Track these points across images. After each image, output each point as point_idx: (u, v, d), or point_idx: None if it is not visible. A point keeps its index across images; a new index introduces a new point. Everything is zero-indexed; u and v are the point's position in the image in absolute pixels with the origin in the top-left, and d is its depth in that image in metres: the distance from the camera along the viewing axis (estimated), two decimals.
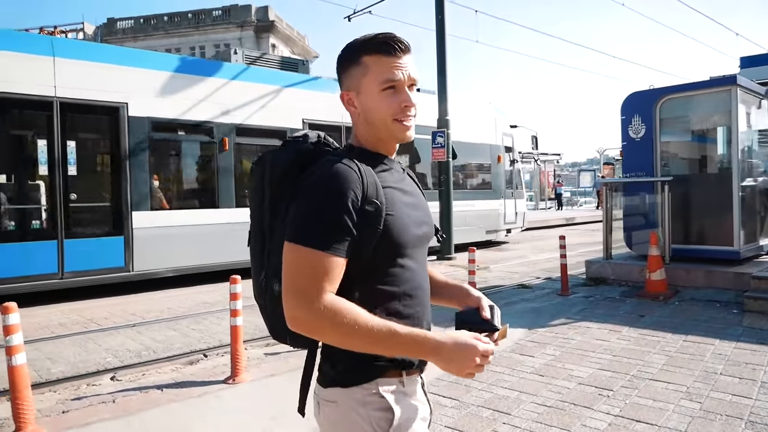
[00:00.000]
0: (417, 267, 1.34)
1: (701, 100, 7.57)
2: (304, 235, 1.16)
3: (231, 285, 4.31)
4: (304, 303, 1.13)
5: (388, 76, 1.27)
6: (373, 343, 1.15)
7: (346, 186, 1.18)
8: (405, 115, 1.30)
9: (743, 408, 3.61)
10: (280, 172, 1.29)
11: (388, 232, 1.23)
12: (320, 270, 1.14)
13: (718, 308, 6.24)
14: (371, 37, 1.30)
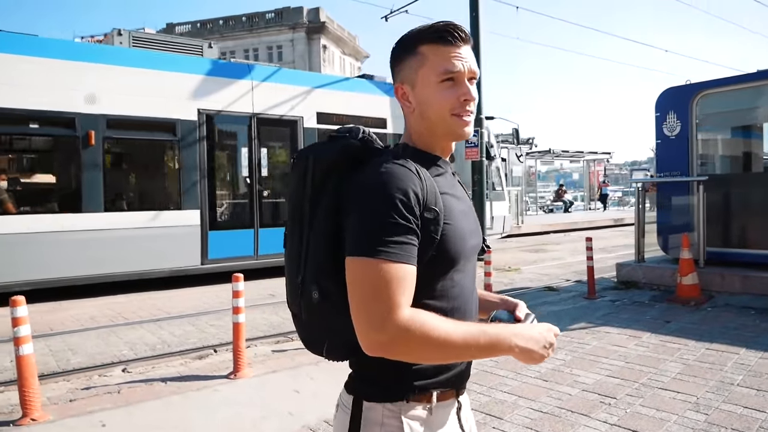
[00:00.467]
0: (467, 281, 1.25)
1: (744, 95, 7.16)
2: (369, 246, 1.04)
3: (233, 283, 4.40)
4: (385, 322, 1.01)
5: (447, 66, 1.17)
6: (464, 349, 1.08)
7: (407, 189, 1.08)
8: (464, 109, 1.20)
9: (752, 422, 3.40)
10: (324, 168, 1.18)
11: (445, 242, 1.13)
12: (394, 283, 1.03)
13: (752, 315, 5.90)
14: (429, 26, 1.21)
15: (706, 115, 7.27)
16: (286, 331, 5.71)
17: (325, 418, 3.60)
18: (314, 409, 3.74)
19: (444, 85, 1.18)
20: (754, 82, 6.78)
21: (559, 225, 19.12)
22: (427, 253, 1.11)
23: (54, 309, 7.26)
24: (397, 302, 1.02)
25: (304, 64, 51.91)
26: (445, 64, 1.17)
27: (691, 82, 7.29)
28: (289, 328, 6.02)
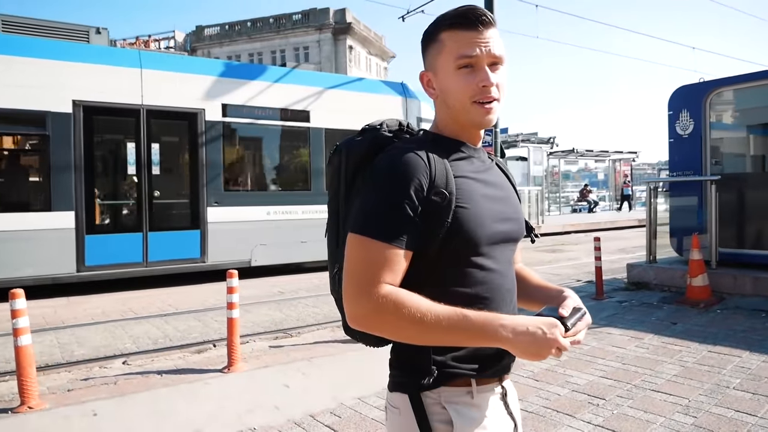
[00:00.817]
0: (497, 267, 1.19)
1: (759, 93, 6.97)
2: (363, 225, 1.08)
3: (228, 279, 4.49)
4: (362, 297, 1.05)
5: (463, 51, 1.14)
6: (442, 332, 1.04)
7: (410, 173, 1.09)
8: (485, 95, 1.15)
9: (741, 426, 3.33)
10: (354, 162, 1.21)
11: (459, 225, 1.11)
12: (379, 261, 1.06)
13: (762, 318, 5.74)
14: (450, 11, 1.19)
15: (719, 113, 7.10)
16: (287, 327, 5.79)
17: (310, 413, 3.65)
18: (301, 403, 3.80)
19: (462, 71, 1.16)
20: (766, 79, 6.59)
21: (581, 225, 18.81)
22: (436, 236, 1.10)
23: (70, 303, 7.50)
24: (377, 279, 1.05)
25: (330, 65, 52.20)
26: (461, 49, 1.15)
27: (704, 80, 7.13)
28: (290, 324, 6.12)
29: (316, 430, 3.44)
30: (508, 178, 1.35)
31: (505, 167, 1.39)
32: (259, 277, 9.56)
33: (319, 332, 5.62)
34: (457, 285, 1.14)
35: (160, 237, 8.82)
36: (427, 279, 1.13)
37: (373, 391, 3.97)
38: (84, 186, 8.26)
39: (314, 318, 6.36)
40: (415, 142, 1.17)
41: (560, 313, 1.14)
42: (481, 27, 1.15)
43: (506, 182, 1.31)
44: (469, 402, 1.16)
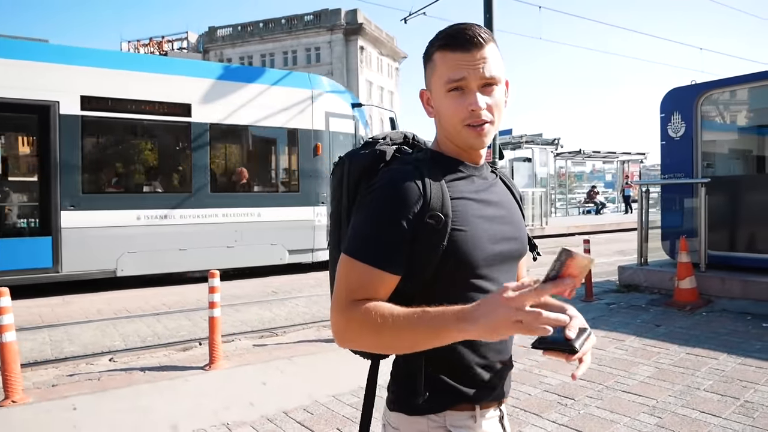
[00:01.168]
0: (495, 288, 1.14)
1: (749, 95, 6.96)
2: (351, 246, 1.09)
3: (209, 279, 4.60)
4: (337, 313, 1.07)
5: (451, 75, 1.12)
6: (405, 332, 1.01)
7: (404, 196, 1.08)
8: (476, 119, 1.13)
9: (703, 426, 3.37)
10: (357, 175, 1.21)
11: (455, 248, 1.10)
12: (361, 282, 1.07)
13: (748, 321, 5.74)
14: (443, 31, 1.17)
15: (711, 115, 7.10)
16: (274, 326, 5.90)
17: (284, 409, 3.75)
18: (276, 400, 3.89)
19: (452, 94, 1.14)
20: (759, 81, 6.57)
21: (586, 227, 18.74)
22: (432, 259, 1.09)
23: (65, 302, 7.67)
24: (354, 297, 1.06)
25: (341, 65, 52.45)
26: (450, 72, 1.13)
27: (696, 82, 7.12)
28: (277, 324, 6.22)
29: (288, 425, 3.53)
30: (512, 193, 1.33)
31: (510, 182, 1.37)
32: (256, 277, 9.69)
33: (304, 332, 5.72)
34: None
35: (2, 244, 7.92)
36: (423, 301, 1.08)
37: (348, 389, 4.05)
38: None
39: (302, 318, 6.47)
40: (413, 161, 1.16)
41: (566, 335, 1.06)
42: (470, 47, 1.12)
43: (509, 199, 1.29)
44: (472, 426, 1.17)
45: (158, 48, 57.30)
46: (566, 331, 1.06)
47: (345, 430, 3.47)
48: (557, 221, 20.41)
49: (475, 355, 1.17)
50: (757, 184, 6.79)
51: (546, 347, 1.05)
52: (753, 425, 3.37)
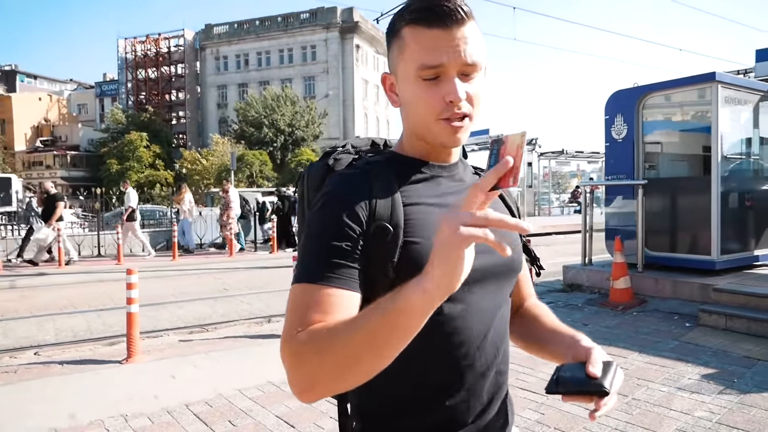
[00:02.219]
0: (472, 314, 0.96)
1: (683, 99, 7.07)
2: (298, 271, 0.91)
3: (127, 276, 4.71)
4: (285, 343, 0.85)
5: (426, 59, 0.90)
6: (360, 333, 0.77)
7: (344, 204, 0.91)
8: (453, 112, 0.92)
9: (579, 422, 3.48)
10: (314, 189, 1.05)
11: (409, 264, 0.89)
12: (308, 303, 0.86)
13: (675, 320, 5.84)
14: (414, 3, 0.93)
15: (652, 117, 7.19)
16: (207, 323, 6.02)
17: (186, 402, 3.86)
18: (180, 393, 4.01)
19: (425, 83, 0.92)
20: (695, 85, 6.67)
21: (562, 226, 18.82)
22: (382, 279, 0.91)
23: (23, 297, 7.81)
24: (301, 322, 0.84)
25: (337, 63, 52.53)
26: (424, 56, 0.90)
27: (638, 85, 7.22)
28: (212, 320, 6.34)
29: (184, 417, 3.65)
30: (501, 197, 1.12)
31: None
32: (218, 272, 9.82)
33: (234, 328, 5.84)
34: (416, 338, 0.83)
35: None
36: None
37: (254, 384, 4.17)
38: None
39: (239, 314, 6.58)
40: (363, 165, 1.00)
41: (591, 372, 0.88)
42: (451, 25, 0.90)
43: (494, 203, 1.04)
44: None
45: (155, 45, 57.41)
46: (589, 368, 0.89)
47: (237, 422, 3.58)
48: (535, 221, 20.48)
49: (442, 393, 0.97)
50: (689, 186, 6.89)
51: (567, 391, 0.87)
52: (629, 421, 3.48)
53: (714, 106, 6.36)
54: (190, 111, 57.89)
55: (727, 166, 6.67)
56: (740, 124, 6.93)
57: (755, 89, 6.92)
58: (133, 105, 55.95)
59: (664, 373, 4.32)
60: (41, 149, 55.14)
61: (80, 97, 66.36)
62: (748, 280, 6.19)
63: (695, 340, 5.17)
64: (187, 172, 40.28)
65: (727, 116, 6.56)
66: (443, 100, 0.91)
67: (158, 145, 46.68)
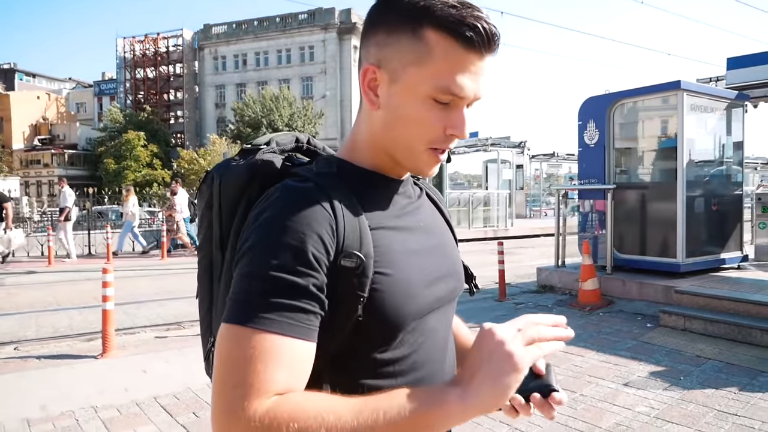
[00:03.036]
0: (431, 344, 0.88)
1: (652, 106, 7.27)
2: (241, 310, 0.72)
3: (102, 275, 4.89)
4: (232, 416, 0.67)
5: (453, 84, 0.78)
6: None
7: (306, 228, 0.75)
8: (446, 144, 0.83)
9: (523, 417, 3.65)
10: (232, 197, 0.87)
11: (379, 300, 0.78)
12: (264, 360, 0.69)
13: (637, 321, 6.04)
14: (448, 2, 0.77)
15: (621, 124, 7.39)
16: (185, 320, 6.20)
17: (155, 395, 4.05)
18: (150, 387, 4.20)
19: (435, 105, 0.80)
20: (662, 92, 6.87)
21: (548, 228, 19.00)
22: (350, 317, 0.77)
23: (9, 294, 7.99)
24: (258, 387, 0.68)
25: (335, 64, 52.74)
26: (449, 79, 0.78)
27: (609, 92, 7.41)
28: (191, 318, 6.52)
29: (151, 409, 3.83)
30: (439, 209, 1.03)
31: (435, 195, 1.06)
32: None
33: None
34: (378, 377, 0.81)
35: None
36: (330, 368, 0.80)
37: None
38: None
39: None
40: (314, 177, 0.83)
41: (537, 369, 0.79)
42: (486, 53, 0.80)
43: (439, 220, 0.99)
44: None
45: (154, 45, 57.59)
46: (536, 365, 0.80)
47: (201, 413, 3.77)
48: (522, 223, 20.70)
49: None
50: (657, 191, 7.08)
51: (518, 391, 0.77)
52: (571, 416, 3.67)
53: (680, 113, 6.56)
54: (188, 111, 58.09)
55: (694, 171, 6.87)
56: (707, 130, 7.13)
57: (721, 97, 7.13)
58: (131, 104, 56.14)
59: (615, 371, 4.51)
60: (39, 147, 55.29)
61: (79, 95, 66.57)
62: (710, 282, 6.39)
63: (653, 340, 5.36)
64: (185, 171, 40.48)
65: (693, 123, 6.76)
66: (444, 131, 0.82)
67: (156, 144, 46.83)
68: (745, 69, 7.98)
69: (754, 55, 7.99)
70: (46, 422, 3.56)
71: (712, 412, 3.66)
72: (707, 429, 3.41)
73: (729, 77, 8.12)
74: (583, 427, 3.48)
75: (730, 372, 4.41)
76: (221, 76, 56.68)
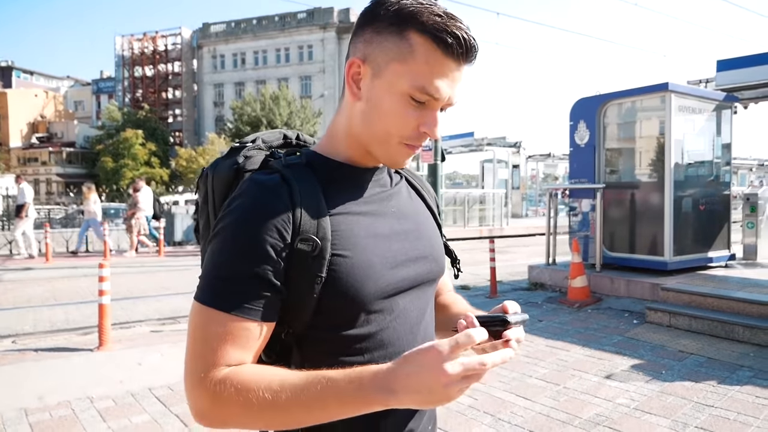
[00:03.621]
0: (400, 324, 0.94)
1: (641, 107, 7.38)
2: (205, 290, 0.84)
3: (99, 269, 4.99)
4: (196, 387, 0.81)
5: (427, 86, 0.86)
6: (305, 411, 0.78)
7: (263, 216, 0.84)
8: (418, 141, 0.91)
9: (509, 407, 3.77)
10: (221, 191, 0.97)
11: (337, 280, 0.86)
12: (220, 337, 0.81)
13: (625, 318, 6.15)
14: (435, 11, 0.85)
15: (611, 125, 7.51)
16: (181, 315, 6.31)
17: (150, 387, 4.16)
18: (145, 378, 4.30)
19: (411, 103, 0.88)
20: (650, 94, 6.98)
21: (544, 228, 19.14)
22: (309, 296, 0.86)
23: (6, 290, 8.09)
24: (215, 361, 0.81)
25: (334, 63, 52.86)
26: (427, 80, 0.86)
27: (599, 93, 7.53)
28: (184, 313, 6.63)
29: (146, 400, 3.94)
30: (422, 198, 1.10)
31: (421, 183, 1.13)
32: None
33: None
34: (340, 354, 0.88)
35: None
36: (298, 348, 0.90)
37: None
38: None
39: None
40: (281, 168, 0.91)
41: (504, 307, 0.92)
42: (463, 62, 0.88)
43: (417, 207, 1.06)
44: None
45: (152, 43, 57.65)
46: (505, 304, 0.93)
47: None
48: (518, 222, 20.83)
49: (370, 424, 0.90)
50: (645, 191, 7.19)
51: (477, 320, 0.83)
52: (553, 407, 3.79)
53: (667, 114, 6.67)
54: (187, 109, 58.16)
55: (682, 171, 6.99)
56: (695, 131, 7.24)
57: (709, 98, 7.25)
58: (129, 102, 56.17)
59: (599, 365, 4.63)
60: (37, 145, 55.33)
61: (77, 93, 66.59)
62: (696, 280, 6.51)
63: (638, 336, 5.48)
64: (183, 170, 40.57)
65: (681, 124, 6.88)
66: (418, 128, 0.89)
67: (154, 142, 46.89)
68: (735, 71, 8.11)
69: (743, 58, 8.12)
70: (43, 411, 3.66)
71: (690, 403, 3.77)
72: (684, 419, 3.52)
73: (718, 79, 8.24)
74: (564, 418, 3.59)
75: (710, 366, 4.53)
76: (220, 74, 56.78)
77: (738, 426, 3.40)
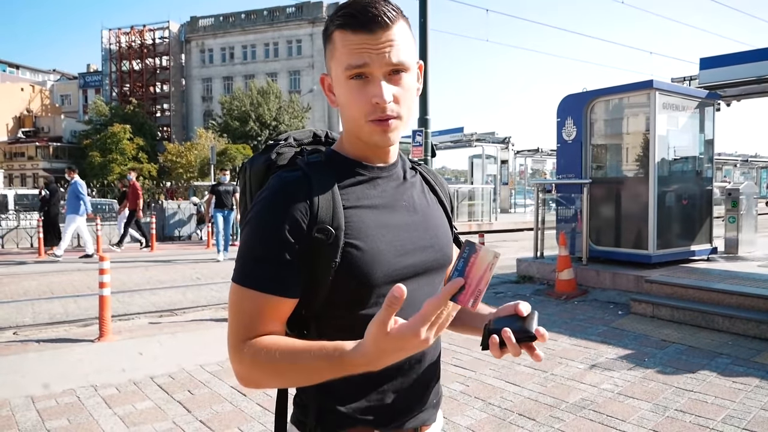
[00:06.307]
0: (406, 305, 0.92)
1: (626, 104, 7.58)
2: (238, 271, 0.98)
3: (100, 262, 5.10)
4: (236, 354, 0.96)
5: (351, 60, 0.96)
6: (300, 372, 0.92)
7: (285, 209, 0.97)
8: (382, 113, 0.98)
9: (499, 392, 3.94)
10: (257, 184, 1.11)
11: (350, 266, 0.97)
12: (251, 312, 0.96)
13: (610, 309, 6.36)
14: (343, 4, 0.99)
15: (598, 121, 7.71)
16: (177, 308, 6.44)
17: (151, 375, 4.28)
18: (147, 367, 4.43)
19: (354, 83, 0.98)
20: (636, 91, 7.18)
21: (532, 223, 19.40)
22: (324, 279, 0.98)
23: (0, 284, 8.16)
24: (248, 332, 0.96)
25: (322, 58, 52.33)
26: (348, 57, 0.96)
27: (586, 90, 7.72)
28: (182, 305, 6.76)
29: (148, 387, 4.07)
30: (435, 191, 1.19)
31: (434, 177, 1.23)
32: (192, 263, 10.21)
33: (201, 312, 6.28)
34: (354, 333, 0.91)
35: None
36: (314, 327, 1.03)
37: (215, 360, 4.60)
38: None
39: (207, 300, 7.02)
40: (304, 166, 1.04)
41: (519, 311, 0.95)
42: (376, 29, 0.95)
43: (428, 200, 1.15)
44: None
45: (140, 37, 57.16)
46: (518, 307, 0.97)
47: (196, 391, 4.01)
48: (506, 218, 21.07)
49: (371, 382, 1.03)
50: (630, 186, 7.41)
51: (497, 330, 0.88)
52: (541, 392, 3.96)
53: (652, 111, 6.88)
54: (175, 104, 57.77)
55: (665, 167, 7.20)
56: (678, 128, 7.46)
57: (692, 96, 7.46)
58: (116, 97, 55.70)
59: (585, 354, 4.82)
60: (23, 140, 54.76)
61: (63, 87, 65.91)
62: (679, 272, 6.74)
63: (623, 326, 5.68)
64: (171, 165, 40.37)
65: (665, 121, 7.09)
66: (370, 102, 0.97)
67: (142, 137, 46.54)
68: (718, 69, 8.33)
69: (726, 56, 8.34)
70: (49, 399, 3.78)
71: (670, 388, 3.97)
72: (665, 403, 3.71)
73: (702, 77, 8.46)
74: (551, 402, 3.77)
75: (691, 354, 4.74)
76: (208, 69, 56.45)
77: (715, 408, 3.60)
